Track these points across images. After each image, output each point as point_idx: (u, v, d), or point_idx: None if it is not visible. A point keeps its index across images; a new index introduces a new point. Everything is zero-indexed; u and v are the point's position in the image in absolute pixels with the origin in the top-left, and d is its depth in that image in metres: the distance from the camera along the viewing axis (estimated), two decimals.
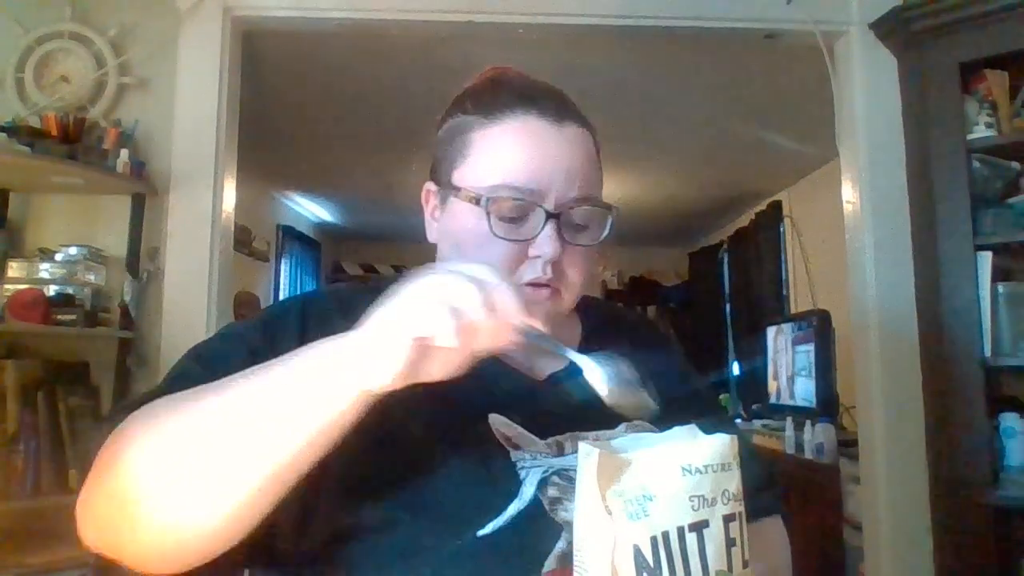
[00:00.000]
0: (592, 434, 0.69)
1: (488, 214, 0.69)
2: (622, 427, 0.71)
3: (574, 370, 0.62)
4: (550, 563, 0.62)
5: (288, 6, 2.27)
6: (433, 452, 0.65)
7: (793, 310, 4.57)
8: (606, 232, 0.74)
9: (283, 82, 3.15)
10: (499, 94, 0.74)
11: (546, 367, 0.76)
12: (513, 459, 0.67)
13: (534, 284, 0.70)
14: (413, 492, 0.63)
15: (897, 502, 2.17)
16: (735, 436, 0.55)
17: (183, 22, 2.21)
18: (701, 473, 0.52)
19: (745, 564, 0.54)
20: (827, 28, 2.32)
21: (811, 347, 3.45)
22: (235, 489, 0.54)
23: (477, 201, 0.70)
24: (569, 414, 0.69)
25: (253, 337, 0.69)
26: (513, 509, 0.64)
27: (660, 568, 0.49)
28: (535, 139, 0.71)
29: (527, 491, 0.65)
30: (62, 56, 2.16)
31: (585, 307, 0.83)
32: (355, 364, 0.52)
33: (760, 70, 3.00)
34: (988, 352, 1.95)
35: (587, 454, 0.53)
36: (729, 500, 0.53)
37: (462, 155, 0.73)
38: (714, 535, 0.52)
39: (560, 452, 0.68)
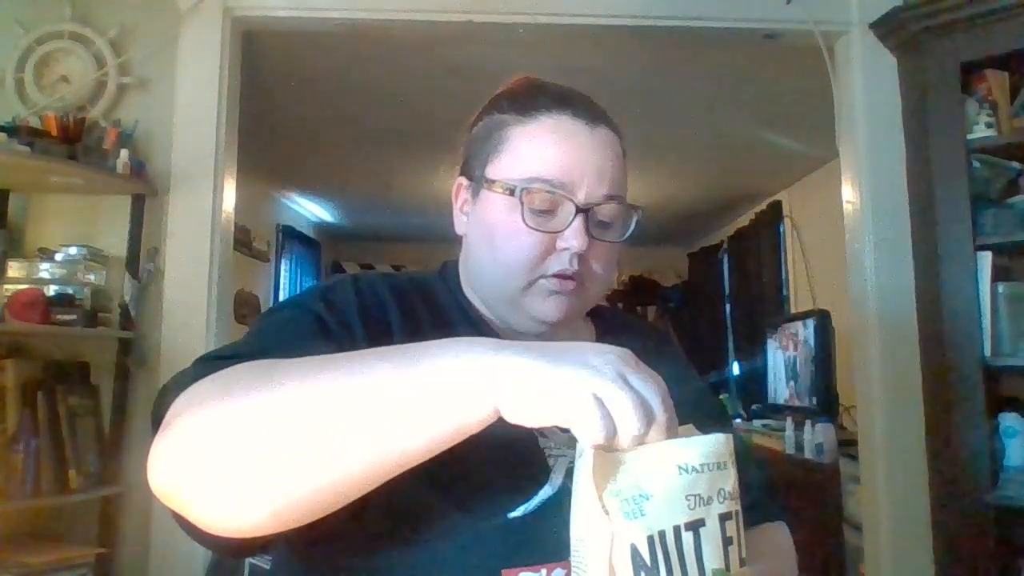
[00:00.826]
0: None
1: (522, 204, 0.72)
2: None
3: None
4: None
5: (288, 6, 2.27)
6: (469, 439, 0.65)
7: (793, 310, 4.56)
8: (630, 231, 0.78)
9: (283, 82, 3.15)
10: (536, 95, 0.78)
11: None
12: (541, 446, 0.69)
13: (560, 276, 0.73)
14: (442, 472, 0.61)
15: (897, 502, 2.17)
16: (730, 435, 0.55)
17: (183, 22, 2.21)
18: (697, 472, 0.52)
19: (742, 562, 0.53)
20: (827, 28, 2.32)
21: (811, 347, 3.45)
22: (341, 475, 0.50)
23: (512, 191, 0.73)
24: None
25: (319, 312, 0.68)
26: (544, 494, 0.66)
27: (657, 567, 0.49)
28: (569, 137, 0.74)
29: (556, 478, 0.67)
30: (62, 56, 2.16)
31: (599, 314, 0.88)
32: (513, 397, 0.49)
33: (760, 70, 2.99)
34: (988, 352, 1.95)
35: (582, 452, 0.52)
36: (725, 499, 0.53)
37: (497, 150, 0.77)
38: (711, 534, 0.51)
39: None
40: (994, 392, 2.01)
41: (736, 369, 5.30)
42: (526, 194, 0.73)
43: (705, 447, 0.53)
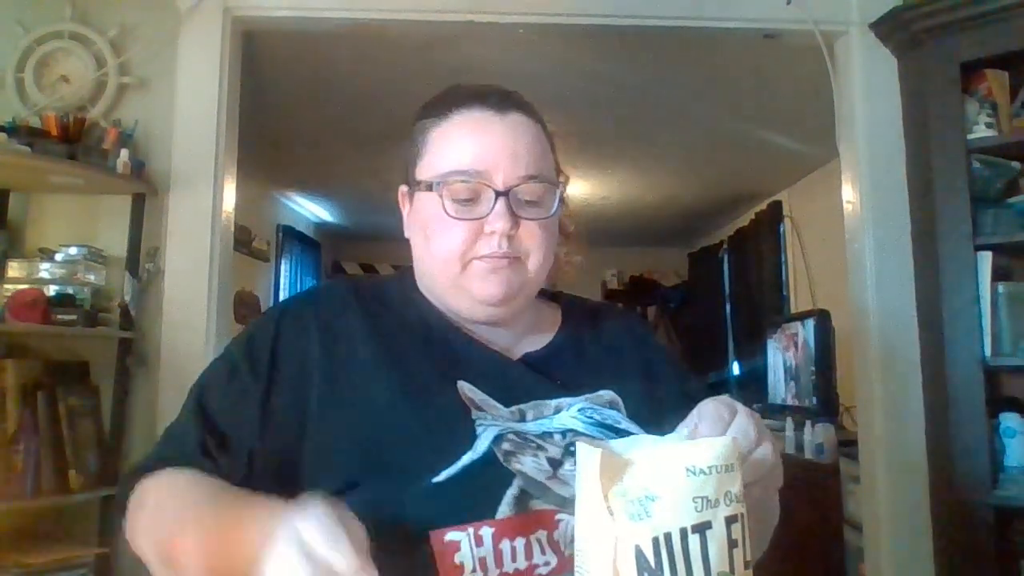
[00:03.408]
0: (553, 403, 0.77)
1: (441, 197, 0.78)
2: (579, 400, 0.77)
3: (546, 352, 0.83)
4: (503, 510, 0.68)
5: (288, 6, 2.27)
6: (398, 417, 0.72)
7: (793, 310, 4.56)
8: (555, 207, 0.81)
9: (283, 82, 3.15)
10: (448, 96, 0.83)
11: (523, 348, 0.85)
12: (473, 417, 0.73)
13: (492, 257, 0.78)
14: (375, 455, 0.70)
15: (897, 502, 2.17)
16: (736, 438, 0.56)
17: (183, 22, 2.20)
18: (705, 474, 0.52)
19: (747, 565, 0.54)
20: (827, 28, 2.32)
21: (811, 347, 3.45)
22: None
23: (432, 187, 0.79)
24: (537, 389, 0.78)
25: (236, 362, 0.79)
26: (466, 459, 0.70)
27: (662, 569, 0.49)
28: (480, 127, 0.79)
29: (481, 444, 0.72)
30: (62, 56, 2.16)
31: (566, 300, 0.94)
32: None
33: (760, 70, 2.99)
34: (988, 352, 1.95)
35: (589, 454, 0.52)
36: (732, 501, 0.53)
37: (420, 153, 0.83)
38: (717, 536, 0.51)
39: (522, 419, 0.76)
40: (994, 392, 2.02)
41: (736, 369, 5.30)
42: (444, 187, 0.78)
43: (713, 450, 0.53)
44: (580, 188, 4.90)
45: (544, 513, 0.69)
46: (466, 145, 0.79)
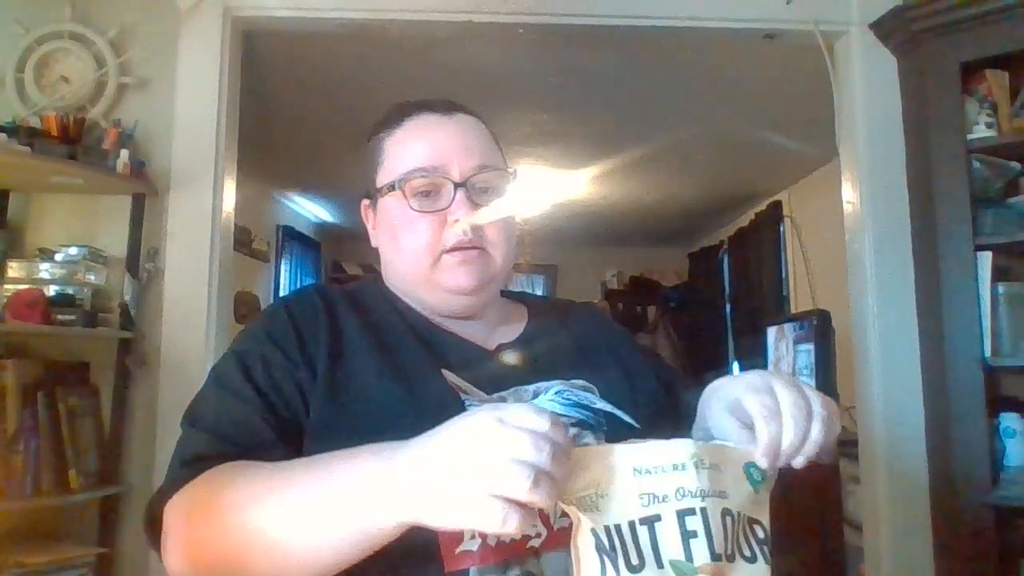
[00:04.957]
0: (532, 387, 0.79)
1: (404, 193, 0.83)
2: (556, 383, 0.80)
3: (519, 342, 0.87)
4: None
5: (288, 6, 2.27)
6: (391, 401, 0.75)
7: (793, 310, 4.56)
8: (505, 191, 0.86)
9: (283, 82, 3.15)
10: (397, 110, 0.90)
11: (496, 339, 0.88)
12: (463, 399, 0.76)
13: (460, 248, 0.82)
14: (371, 438, 0.71)
15: (897, 502, 2.17)
16: (692, 441, 0.61)
17: (183, 22, 2.20)
18: (651, 473, 0.58)
19: (718, 557, 0.57)
20: (827, 28, 2.32)
21: (811, 347, 3.45)
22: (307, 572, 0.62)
23: (394, 187, 0.84)
24: (514, 377, 0.81)
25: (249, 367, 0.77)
26: None
27: (616, 552, 0.55)
28: (431, 128, 0.86)
29: None
30: (62, 56, 2.16)
31: (528, 297, 0.99)
32: (420, 508, 0.55)
33: (760, 70, 2.99)
34: (988, 352, 1.95)
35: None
36: (684, 496, 0.58)
37: (379, 163, 0.89)
38: (666, 528, 0.57)
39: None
40: (994, 392, 2.02)
41: (736, 369, 5.29)
42: (406, 184, 0.83)
43: (659, 451, 0.59)
44: (580, 188, 4.91)
45: None
46: (421, 145, 0.84)
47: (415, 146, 0.85)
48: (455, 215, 0.82)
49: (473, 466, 0.52)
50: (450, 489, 0.53)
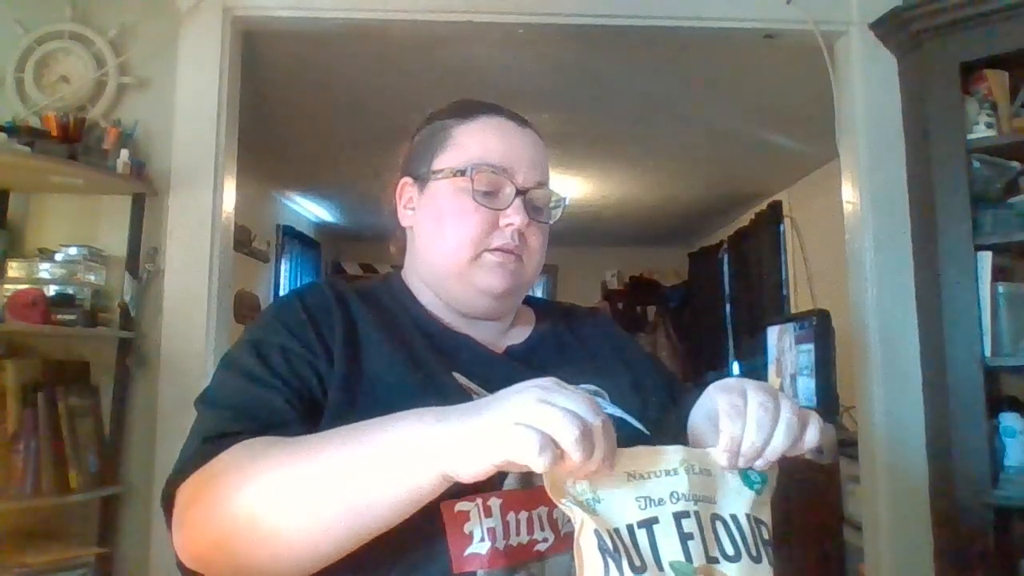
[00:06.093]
0: None
1: (472, 181, 0.83)
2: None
3: (528, 345, 0.89)
4: (509, 482, 0.69)
5: (288, 6, 2.27)
6: (407, 396, 0.74)
7: (793, 310, 4.56)
8: (558, 216, 0.90)
9: (283, 82, 3.15)
10: (469, 104, 0.91)
11: (505, 342, 0.90)
12: (475, 398, 0.75)
13: (502, 250, 0.83)
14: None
15: (897, 502, 2.17)
16: (682, 447, 0.62)
17: (183, 22, 2.21)
18: (644, 479, 0.59)
19: (713, 559, 0.58)
20: (827, 28, 2.32)
21: (811, 347, 3.45)
22: (333, 540, 0.61)
23: (462, 173, 0.84)
24: (524, 380, 0.77)
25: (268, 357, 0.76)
26: None
27: (619, 552, 0.55)
28: (506, 132, 0.87)
29: None
30: (62, 56, 2.16)
31: (533, 300, 1.00)
32: (467, 454, 0.55)
33: (760, 70, 2.99)
34: (988, 352, 1.95)
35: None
36: (679, 500, 0.59)
37: (443, 146, 0.87)
38: (664, 530, 0.57)
39: None
40: (994, 392, 2.02)
41: (736, 369, 5.29)
42: (476, 171, 0.83)
43: (651, 457, 0.60)
44: (580, 188, 4.91)
45: (545, 491, 0.70)
46: (495, 143, 0.85)
47: (490, 143, 0.85)
48: (510, 218, 0.83)
49: (525, 408, 0.53)
50: (496, 425, 0.53)
